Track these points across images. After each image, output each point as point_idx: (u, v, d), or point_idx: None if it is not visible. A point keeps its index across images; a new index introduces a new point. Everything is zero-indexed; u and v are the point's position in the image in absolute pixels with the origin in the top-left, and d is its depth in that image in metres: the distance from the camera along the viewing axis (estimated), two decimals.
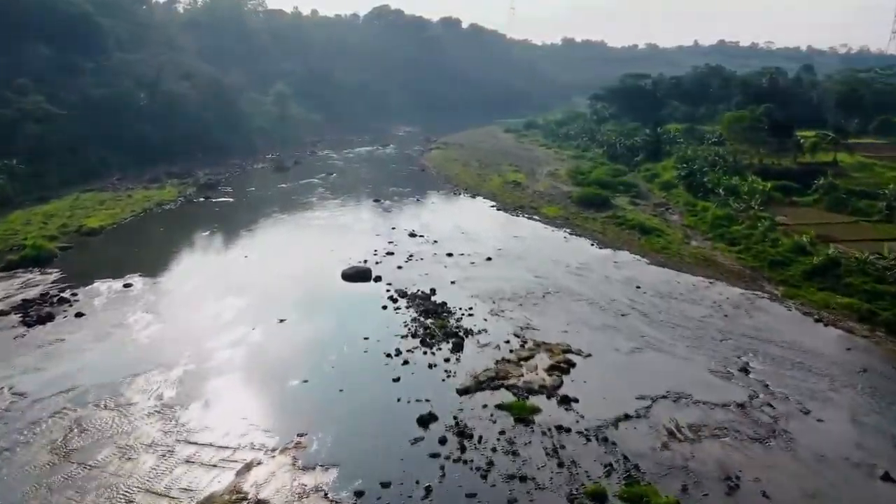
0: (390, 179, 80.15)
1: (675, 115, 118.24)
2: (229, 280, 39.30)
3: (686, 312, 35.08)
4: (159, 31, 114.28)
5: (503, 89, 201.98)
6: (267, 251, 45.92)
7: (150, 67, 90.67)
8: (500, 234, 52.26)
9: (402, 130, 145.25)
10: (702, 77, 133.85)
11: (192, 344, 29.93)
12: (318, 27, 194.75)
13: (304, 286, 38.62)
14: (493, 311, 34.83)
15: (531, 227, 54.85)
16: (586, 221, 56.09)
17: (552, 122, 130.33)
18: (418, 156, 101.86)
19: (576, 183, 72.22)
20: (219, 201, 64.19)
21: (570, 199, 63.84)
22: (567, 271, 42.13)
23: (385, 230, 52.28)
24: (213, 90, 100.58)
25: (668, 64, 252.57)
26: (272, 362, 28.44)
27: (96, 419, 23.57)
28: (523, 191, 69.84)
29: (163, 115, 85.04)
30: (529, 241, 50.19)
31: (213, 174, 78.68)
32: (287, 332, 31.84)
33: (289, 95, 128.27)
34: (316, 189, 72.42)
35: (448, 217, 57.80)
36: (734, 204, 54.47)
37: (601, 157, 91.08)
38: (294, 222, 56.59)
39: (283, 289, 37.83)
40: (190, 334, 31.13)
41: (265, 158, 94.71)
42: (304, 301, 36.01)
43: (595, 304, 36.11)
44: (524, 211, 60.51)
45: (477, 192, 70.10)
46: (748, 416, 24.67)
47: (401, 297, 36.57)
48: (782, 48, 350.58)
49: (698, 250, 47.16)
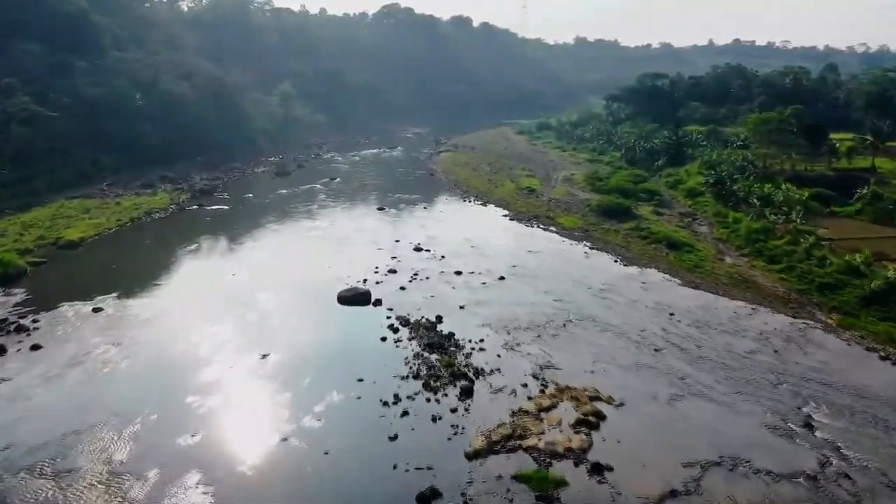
0: (396, 185, 75.91)
1: (695, 116, 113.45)
2: (211, 303, 35.12)
3: (730, 347, 30.53)
4: (160, 29, 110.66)
5: (515, 89, 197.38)
6: (257, 268, 41.69)
7: (147, 66, 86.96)
8: (513, 247, 47.86)
9: (411, 132, 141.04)
10: (722, 77, 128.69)
11: (157, 387, 25.74)
12: (326, 26, 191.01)
13: (294, 311, 34.39)
14: (508, 343, 30.44)
15: (547, 240, 50.37)
16: (608, 234, 51.52)
17: (566, 124, 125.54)
18: (426, 159, 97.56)
19: (594, 189, 67.63)
20: (213, 209, 60.15)
21: (589, 208, 59.23)
22: (590, 294, 37.66)
23: (388, 243, 47.97)
24: (215, 90, 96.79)
25: (682, 63, 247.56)
26: (247, 414, 24.18)
27: (25, 493, 19.39)
28: (538, 198, 65.31)
29: (160, 116, 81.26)
30: (546, 256, 45.74)
31: (211, 178, 74.83)
32: (269, 370, 27.57)
33: (293, 96, 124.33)
34: (317, 195, 68.27)
35: (457, 228, 53.40)
36: (771, 215, 49.76)
37: (619, 160, 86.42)
38: (290, 233, 52.37)
39: (270, 314, 33.63)
40: (157, 374, 26.95)
41: (267, 161, 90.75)
42: (293, 330, 31.77)
43: (624, 336, 31.63)
44: (539, 221, 56.00)
45: (488, 199, 65.67)
46: (822, 491, 20.16)
47: (403, 326, 32.26)
48: (799, 47, 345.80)
49: (734, 269, 42.51)
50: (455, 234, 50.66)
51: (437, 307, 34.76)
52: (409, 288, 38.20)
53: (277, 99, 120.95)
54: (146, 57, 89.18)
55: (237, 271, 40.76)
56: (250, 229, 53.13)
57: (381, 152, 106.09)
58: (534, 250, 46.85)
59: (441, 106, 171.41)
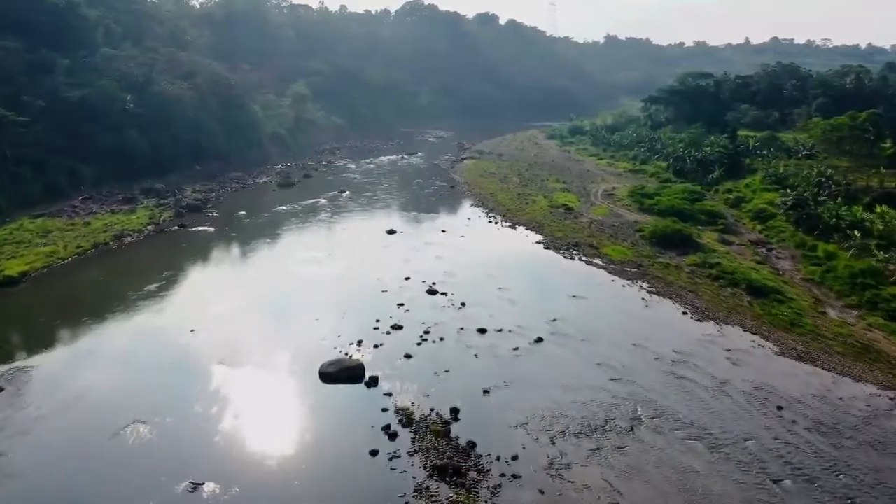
0: (412, 200, 66.70)
1: (745, 120, 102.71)
2: (150, 382, 26.10)
3: (880, 475, 20.68)
4: (164, 25, 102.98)
5: (543, 90, 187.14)
6: (226, 321, 32.63)
7: (142, 65, 78.82)
8: (551, 289, 38.34)
9: (433, 135, 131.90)
10: (773, 77, 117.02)
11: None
12: (347, 23, 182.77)
13: (255, 396, 25.28)
14: (554, 464, 20.94)
15: (593, 279, 40.67)
16: (667, 270, 41.60)
17: (601, 128, 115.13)
18: (448, 167, 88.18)
19: (641, 208, 57.68)
20: (196, 231, 51.48)
21: (641, 235, 49.28)
22: (659, 369, 27.97)
23: (396, 282, 38.67)
24: (220, 91, 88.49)
25: (719, 63, 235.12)
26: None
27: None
28: (576, 219, 55.53)
29: (154, 121, 73.01)
30: (593, 303, 36.09)
31: (205, 191, 66.38)
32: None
33: (308, 97, 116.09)
34: (320, 213, 59.34)
35: (481, 259, 43.94)
36: (878, 251, 39.51)
37: (665, 171, 76.21)
38: (278, 267, 43.24)
39: (222, 402, 24.56)
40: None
41: (272, 170, 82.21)
42: (247, 436, 22.63)
43: (720, 451, 21.90)
44: (581, 251, 46.28)
45: (518, 219, 56.10)
46: None
47: (404, 427, 22.95)
48: (840, 46, 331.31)
49: (845, 328, 32.38)
50: (478, 269, 41.22)
51: (452, 390, 25.44)
52: (418, 355, 28.90)
53: (290, 100, 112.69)
54: (141, 54, 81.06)
55: (198, 326, 31.71)
56: (231, 261, 44.35)
57: (399, 159, 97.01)
58: (578, 294, 37.18)
59: (465, 107, 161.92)
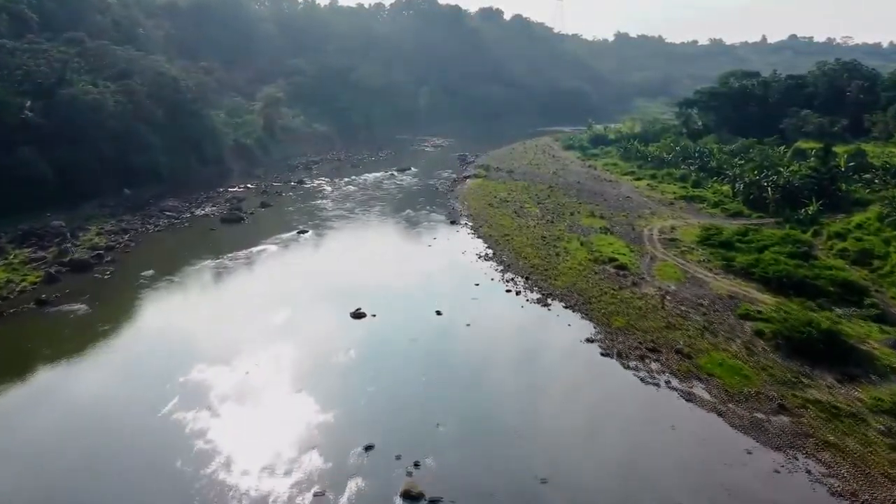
0: (396, 248, 48.74)
1: (805, 128, 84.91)
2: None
3: None
4: (106, 14, 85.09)
5: (553, 91, 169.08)
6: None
7: (54, 61, 61.01)
8: (632, 469, 20.35)
9: (431, 144, 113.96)
10: (832, 76, 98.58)
11: None
12: (337, 17, 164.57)
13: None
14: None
15: (706, 445, 22.56)
16: (837, 426, 23.21)
17: (630, 137, 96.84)
18: (447, 190, 69.93)
19: (728, 267, 39.56)
20: (56, 312, 33.37)
21: (756, 332, 30.91)
22: None
23: (349, 461, 20.64)
24: (166, 95, 70.64)
25: (737, 61, 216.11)
26: None
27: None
28: (637, 287, 37.16)
29: (62, 134, 55.50)
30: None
31: (115, 232, 48.54)
32: None
33: (281, 100, 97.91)
34: (260, 273, 41.32)
35: (496, 392, 25.90)
36: None
37: (730, 200, 58.12)
38: (155, 404, 25.13)
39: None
40: None
41: (223, 196, 64.24)
42: None
43: None
44: (665, 363, 28.00)
45: (549, 286, 37.84)
46: None
47: None
48: (861, 44, 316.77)
49: None
50: (495, 420, 23.17)
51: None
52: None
53: (260, 105, 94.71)
54: (52, 48, 63.06)
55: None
56: (86, 386, 26.31)
57: (388, 177, 78.83)
58: (685, 485, 19.13)
59: (468, 110, 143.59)
